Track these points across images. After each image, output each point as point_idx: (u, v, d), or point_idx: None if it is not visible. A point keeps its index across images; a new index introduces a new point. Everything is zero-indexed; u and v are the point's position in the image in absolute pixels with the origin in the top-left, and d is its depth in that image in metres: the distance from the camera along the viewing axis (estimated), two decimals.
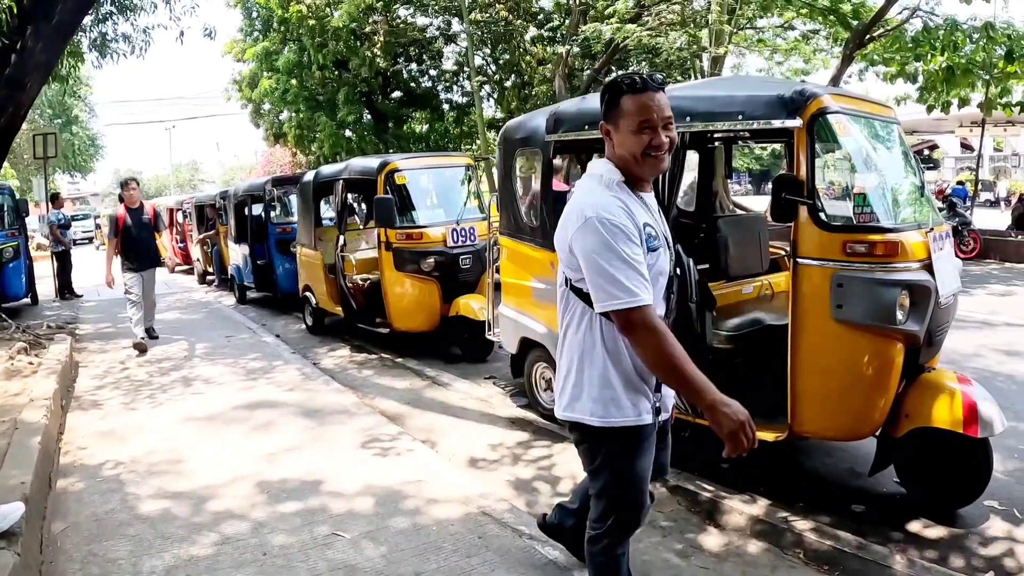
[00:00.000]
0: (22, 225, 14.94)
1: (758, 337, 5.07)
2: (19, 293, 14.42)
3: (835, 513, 4.61)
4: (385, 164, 9.27)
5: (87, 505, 5.00)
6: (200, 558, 4.20)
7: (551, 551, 3.98)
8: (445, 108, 31.45)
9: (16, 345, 9.31)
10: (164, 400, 7.31)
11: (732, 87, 5.48)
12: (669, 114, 2.63)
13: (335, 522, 4.54)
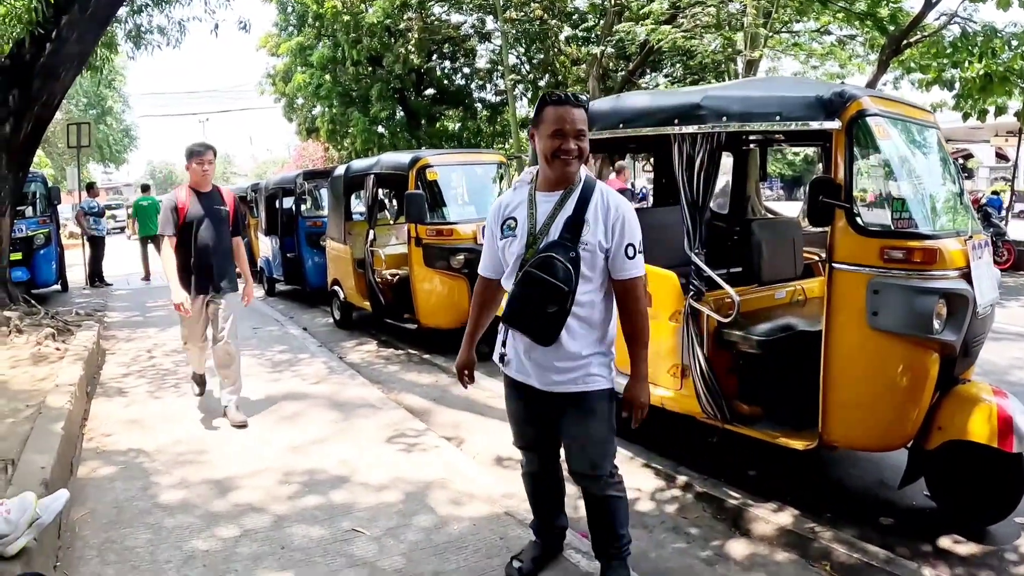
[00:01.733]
0: (54, 213, 15.18)
1: (790, 343, 4.97)
2: (49, 280, 14.65)
3: (863, 525, 4.52)
4: (417, 160, 9.27)
5: (108, 492, 5.00)
6: (218, 550, 4.18)
7: (573, 554, 3.91)
8: (478, 107, 31.52)
9: (44, 331, 9.38)
10: (188, 391, 7.31)
11: (769, 88, 5.40)
12: (582, 127, 3.16)
13: (357, 518, 4.51)
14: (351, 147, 29.87)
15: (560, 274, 3.13)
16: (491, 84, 31.51)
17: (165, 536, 4.37)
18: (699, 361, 5.00)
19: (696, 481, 5.12)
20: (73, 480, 5.19)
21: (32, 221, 14.40)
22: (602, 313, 3.32)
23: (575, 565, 3.83)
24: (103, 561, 4.11)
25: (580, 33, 26.30)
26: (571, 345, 3.26)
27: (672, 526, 4.63)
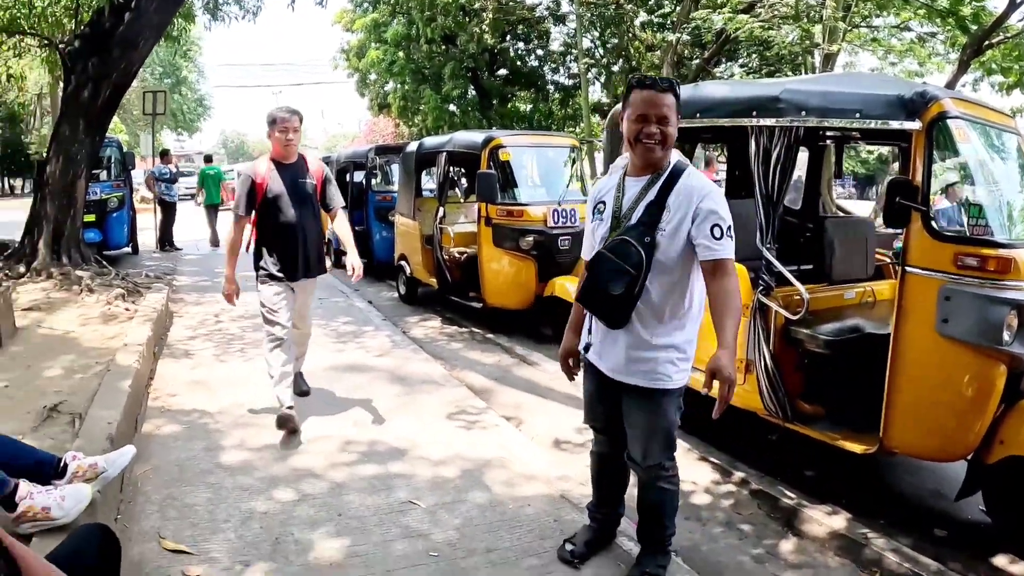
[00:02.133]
0: (128, 177, 15.66)
1: (857, 345, 4.86)
2: (121, 242, 15.10)
3: (916, 535, 4.43)
4: (490, 139, 9.27)
5: (171, 450, 5.11)
6: (276, 512, 4.25)
7: (625, 541, 3.89)
8: (550, 89, 31.46)
9: (114, 291, 9.62)
10: (254, 355, 7.42)
11: (850, 84, 5.26)
12: (667, 113, 3.12)
13: (413, 490, 4.55)
14: (422, 124, 30.05)
15: (632, 258, 3.13)
16: (564, 67, 31.42)
17: (224, 496, 4.46)
18: (764, 357, 4.93)
19: (752, 478, 5.06)
20: (137, 436, 5.31)
21: (106, 185, 14.85)
22: (681, 307, 3.27)
23: (626, 552, 3.81)
24: (163, 516, 4.21)
25: (656, 19, 26.02)
26: (642, 333, 3.25)
27: (726, 521, 4.58)
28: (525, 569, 3.67)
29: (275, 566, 3.70)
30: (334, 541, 3.93)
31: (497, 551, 3.83)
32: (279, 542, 3.93)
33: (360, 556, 3.79)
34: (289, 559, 3.77)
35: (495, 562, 3.73)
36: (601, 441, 3.77)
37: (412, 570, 3.65)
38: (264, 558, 3.78)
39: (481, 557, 3.78)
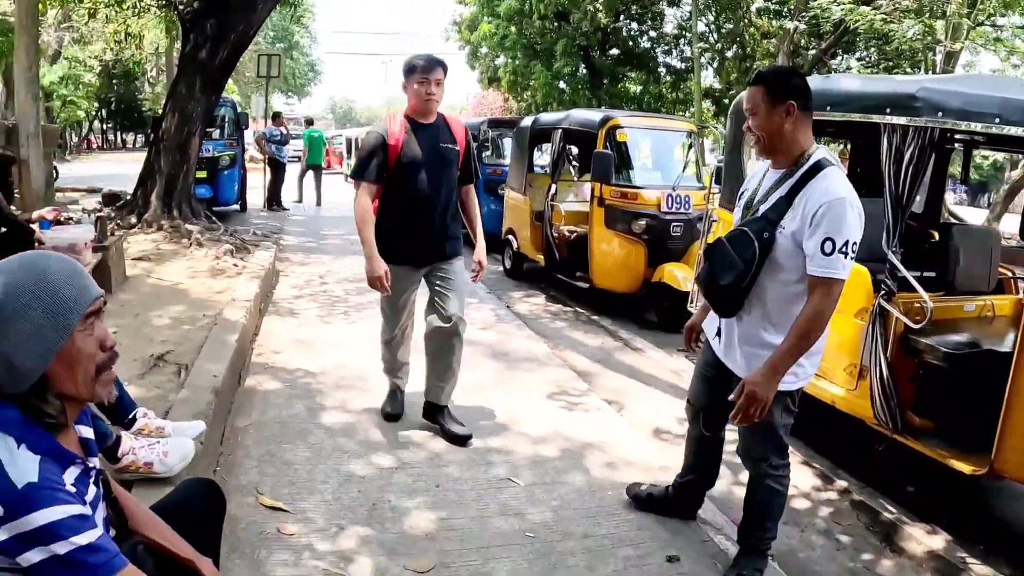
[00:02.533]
0: (240, 137, 16.12)
1: (976, 361, 4.57)
2: (230, 199, 15.54)
3: (1017, 565, 4.16)
4: (607, 119, 9.16)
5: (272, 407, 5.16)
6: (374, 477, 4.24)
7: (723, 540, 3.76)
8: (661, 72, 31.09)
9: (223, 247, 9.83)
10: (358, 319, 7.48)
11: (988, 86, 4.96)
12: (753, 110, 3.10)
13: (512, 467, 4.48)
14: (531, 100, 30.06)
15: (746, 252, 3.03)
16: (677, 50, 31.04)
17: (324, 457, 4.47)
18: (880, 364, 4.68)
19: (853, 487, 4.85)
20: (240, 390, 5.38)
21: (219, 143, 15.30)
22: (796, 310, 3.05)
23: (722, 551, 3.68)
24: (261, 472, 4.24)
25: (773, 6, 25.36)
26: (755, 329, 3.19)
27: (824, 529, 4.39)
28: (621, 559, 3.57)
29: (370, 532, 3.68)
30: (430, 512, 3.90)
31: (593, 538, 3.74)
32: (375, 508, 3.91)
33: (456, 530, 3.74)
34: (385, 526, 3.74)
35: (591, 549, 3.64)
36: (695, 420, 3.78)
37: (507, 548, 3.59)
38: (360, 522, 3.76)
39: (577, 542, 3.69)
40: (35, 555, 1.52)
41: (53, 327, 1.60)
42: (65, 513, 1.54)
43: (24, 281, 1.58)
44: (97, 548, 1.56)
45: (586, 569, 3.46)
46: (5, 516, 1.51)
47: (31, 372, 1.61)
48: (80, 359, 1.67)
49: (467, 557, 3.51)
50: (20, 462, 1.55)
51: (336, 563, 3.39)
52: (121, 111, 54.32)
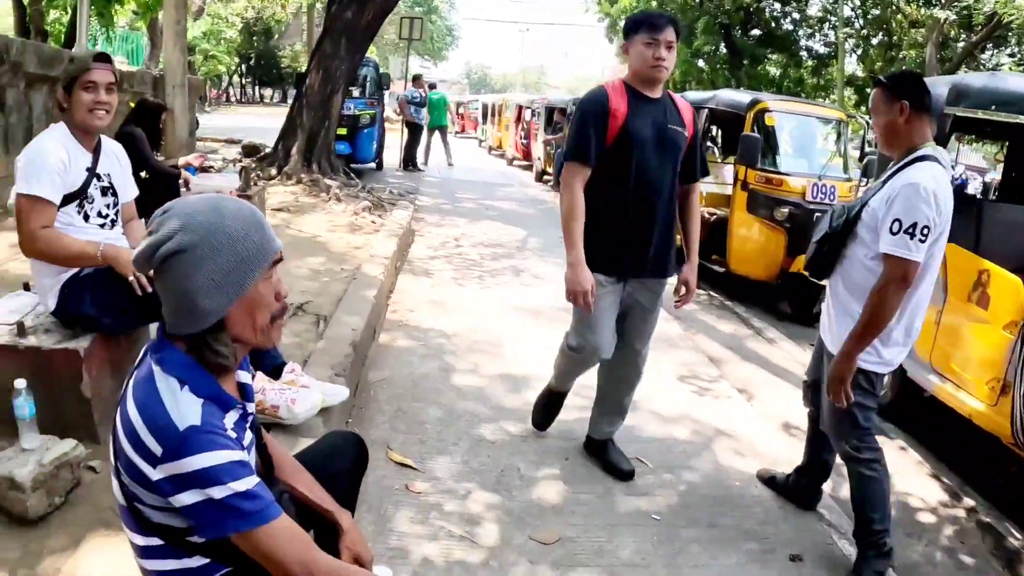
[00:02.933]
0: (381, 97, 16.47)
1: None
2: (368, 157, 15.87)
3: None
4: (756, 101, 8.91)
5: (406, 364, 5.23)
6: (504, 444, 4.26)
7: (846, 545, 3.61)
8: (803, 55, 30.12)
9: (361, 203, 10.01)
10: (492, 284, 7.54)
11: None
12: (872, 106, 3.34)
13: (641, 446, 4.42)
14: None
15: (835, 219, 3.34)
16: (820, 34, 30.09)
17: (455, 418, 4.51)
18: None
19: (981, 508, 4.59)
20: (375, 346, 5.48)
21: (360, 101, 15.56)
22: None
23: (845, 556, 3.54)
24: (393, 428, 4.31)
25: None
26: (843, 298, 3.37)
27: (947, 547, 4.14)
28: (744, 552, 3.48)
29: (497, 498, 3.70)
30: (558, 484, 3.89)
31: (718, 527, 3.67)
32: (504, 474, 3.93)
33: (583, 505, 3.73)
34: (512, 494, 3.75)
35: (715, 539, 3.57)
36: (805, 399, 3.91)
37: (632, 528, 3.55)
38: (487, 488, 3.78)
39: (701, 530, 3.62)
40: (190, 497, 1.54)
41: (240, 272, 1.62)
42: (225, 458, 1.55)
43: (215, 224, 1.60)
44: (254, 495, 1.58)
45: (708, 558, 3.40)
46: (163, 456, 1.53)
47: (212, 314, 1.63)
48: (260, 306, 1.69)
49: (592, 533, 3.49)
50: (183, 404, 1.58)
51: (462, 525, 3.43)
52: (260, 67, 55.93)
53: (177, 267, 1.57)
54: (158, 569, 1.72)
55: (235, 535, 1.57)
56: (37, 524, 2.74)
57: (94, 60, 3.19)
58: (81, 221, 3.28)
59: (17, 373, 2.98)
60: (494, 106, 29.12)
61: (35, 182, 3.04)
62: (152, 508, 1.63)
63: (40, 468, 2.75)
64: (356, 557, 1.98)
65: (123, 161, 3.58)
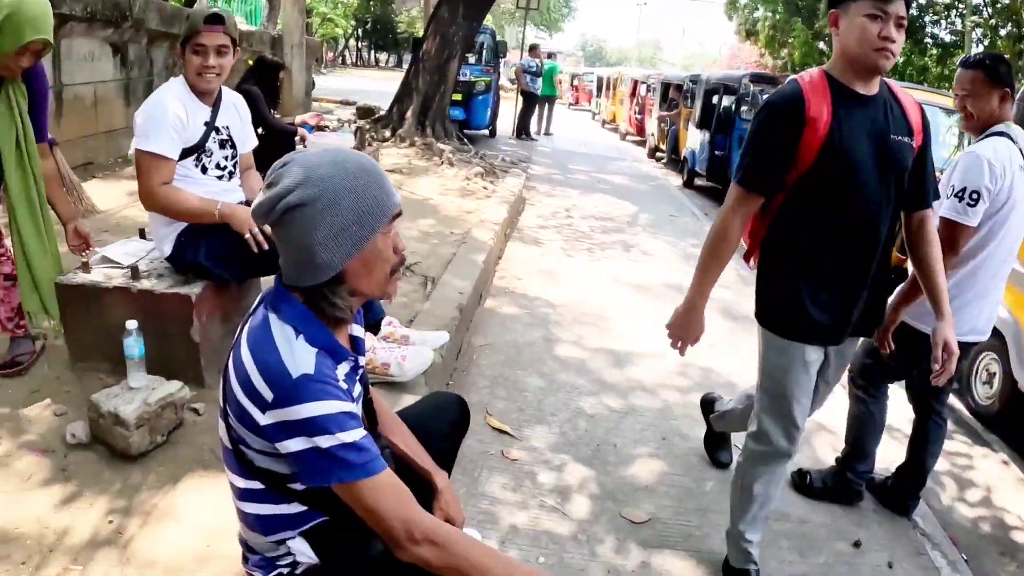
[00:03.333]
0: (496, 64, 16.47)
1: None
2: (482, 123, 15.93)
3: None
4: None
5: (510, 331, 5.25)
6: (603, 418, 4.24)
7: (938, 556, 3.45)
8: (928, 43, 28.83)
9: (474, 168, 10.06)
10: (601, 257, 7.50)
11: None
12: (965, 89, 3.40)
13: (739, 434, 4.30)
14: (788, 58, 28.80)
15: None
16: (947, 22, 28.65)
17: (555, 388, 4.50)
18: None
19: None
20: (479, 310, 5.51)
21: (476, 68, 15.67)
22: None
23: (936, 568, 3.38)
24: (492, 394, 4.33)
25: None
26: None
27: None
28: (833, 552, 3.37)
29: (591, 472, 3.68)
30: (653, 463, 3.85)
31: (808, 524, 3.57)
32: (600, 449, 3.91)
33: (675, 486, 3.69)
34: (607, 469, 3.73)
35: (804, 535, 3.47)
36: None
37: (723, 516, 3.43)
38: (583, 461, 3.77)
39: (792, 525, 3.53)
40: (297, 444, 1.55)
41: (360, 226, 1.62)
42: (335, 408, 1.56)
43: (337, 177, 1.60)
44: (360, 447, 1.58)
45: (796, 554, 3.32)
46: (274, 402, 1.55)
47: (331, 268, 1.63)
48: (378, 260, 1.69)
49: (683, 516, 3.45)
50: (298, 353, 1.59)
51: (553, 496, 3.42)
52: (376, 31, 56.68)
53: (298, 221, 1.58)
54: (256, 512, 1.76)
55: (338, 485, 1.58)
56: (138, 460, 2.83)
57: (206, 22, 3.19)
58: (199, 174, 3.36)
59: (130, 315, 3.08)
60: (609, 79, 28.87)
61: (154, 139, 3.11)
62: (257, 452, 1.66)
63: (145, 407, 2.84)
64: (448, 518, 1.98)
65: (243, 113, 3.64)
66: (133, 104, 8.59)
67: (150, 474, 2.77)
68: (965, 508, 4.01)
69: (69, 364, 3.48)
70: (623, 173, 15.13)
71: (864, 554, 3.39)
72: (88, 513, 2.52)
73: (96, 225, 5.74)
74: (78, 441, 2.88)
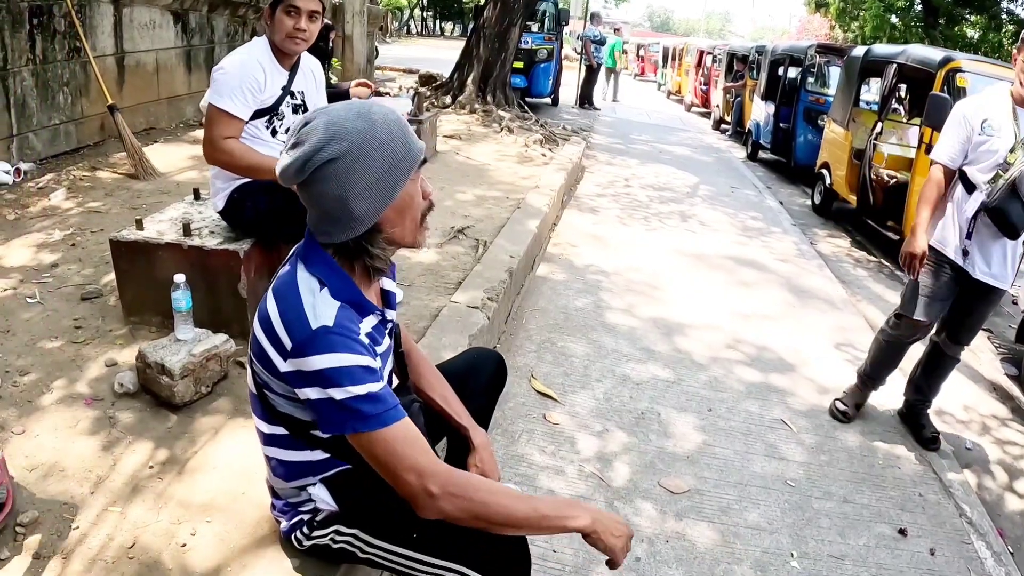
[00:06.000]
0: (559, 32, 16.28)
1: None
2: (543, 92, 15.87)
3: None
4: (948, 60, 8.25)
5: (560, 296, 5.23)
6: (648, 386, 4.20)
7: (983, 547, 3.35)
8: (1004, 19, 27.91)
9: (533, 135, 10.01)
10: (658, 227, 7.44)
11: None
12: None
13: (788, 409, 4.27)
14: (859, 31, 28.23)
15: None
16: None
17: (602, 355, 4.48)
18: None
19: None
20: (532, 276, 5.49)
21: (538, 36, 15.57)
22: None
23: (979, 559, 3.28)
24: (539, 358, 4.32)
25: None
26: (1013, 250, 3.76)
27: None
28: (874, 535, 3.30)
29: (633, 440, 3.66)
30: (697, 435, 3.82)
31: (852, 505, 3.50)
32: (643, 417, 3.89)
33: (718, 459, 3.65)
34: (648, 438, 3.71)
35: (847, 515, 3.41)
36: (916, 332, 4.04)
37: (764, 491, 3.45)
38: (625, 428, 3.75)
39: (835, 504, 3.47)
40: (312, 393, 1.57)
41: (392, 175, 1.62)
42: (349, 362, 1.56)
43: (364, 129, 1.59)
44: (375, 398, 1.58)
45: (837, 535, 3.25)
46: (292, 351, 1.57)
47: (367, 219, 1.63)
48: (411, 207, 1.69)
49: (723, 490, 3.41)
50: (320, 305, 1.60)
51: (593, 463, 3.41)
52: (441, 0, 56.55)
53: (330, 176, 1.58)
54: (280, 458, 1.80)
55: (353, 436, 1.59)
56: (182, 409, 2.88)
57: None
58: (268, 136, 3.36)
59: (180, 270, 3.12)
60: (675, 50, 28.53)
61: (227, 98, 3.12)
62: (280, 396, 1.68)
63: (190, 358, 2.88)
64: (484, 475, 1.97)
65: (319, 78, 3.64)
66: (195, 71, 8.74)
67: (192, 423, 2.82)
68: (1016, 500, 3.90)
69: (122, 318, 3.55)
70: (686, 144, 14.97)
71: (906, 539, 3.31)
72: (130, 459, 2.56)
73: (156, 187, 5.85)
74: (125, 390, 2.93)
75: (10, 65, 5.89)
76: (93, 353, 3.25)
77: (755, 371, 4.65)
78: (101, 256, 4.22)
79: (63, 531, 2.20)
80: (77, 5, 6.49)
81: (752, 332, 5.25)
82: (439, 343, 3.66)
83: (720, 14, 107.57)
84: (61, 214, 5.10)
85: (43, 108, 6.32)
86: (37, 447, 2.59)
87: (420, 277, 4.60)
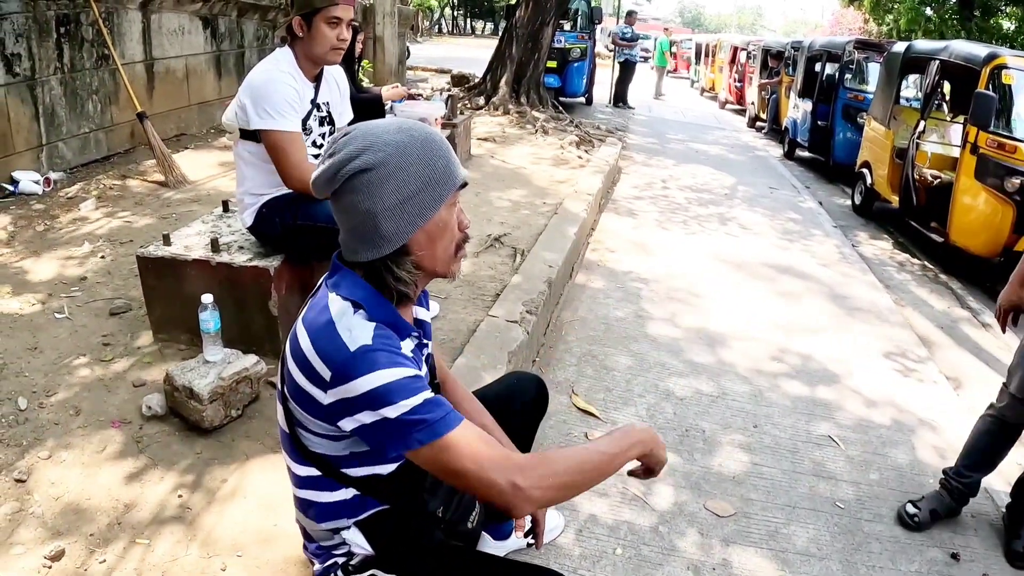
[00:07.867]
0: (592, 31, 16.24)
1: None
2: (577, 91, 15.81)
3: None
4: (994, 56, 8.03)
5: (600, 306, 5.11)
6: (692, 402, 4.08)
7: None
8: None
9: (568, 137, 9.92)
10: (697, 231, 7.31)
11: None
12: None
13: (835, 425, 4.11)
14: (893, 24, 27.90)
15: None
16: None
17: (645, 368, 4.35)
18: None
19: None
20: (571, 284, 5.38)
21: (571, 35, 15.53)
22: None
23: None
24: (579, 372, 4.20)
25: None
26: None
27: None
28: (927, 560, 3.14)
29: (677, 459, 3.54)
30: (742, 453, 3.68)
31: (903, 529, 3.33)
32: (687, 434, 3.76)
33: (764, 479, 3.51)
34: (693, 456, 3.59)
35: (898, 539, 3.25)
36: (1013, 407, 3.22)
37: (812, 514, 3.30)
38: (669, 447, 3.61)
39: (886, 527, 3.31)
40: (365, 418, 1.46)
41: (425, 195, 1.53)
42: (397, 375, 1.46)
43: (402, 143, 1.51)
44: (433, 404, 1.48)
45: (888, 560, 3.10)
46: (332, 380, 1.46)
47: (395, 238, 1.54)
48: (444, 233, 1.60)
49: (770, 512, 3.28)
50: (355, 328, 1.50)
51: (636, 485, 3.28)
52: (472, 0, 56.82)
53: (363, 187, 1.50)
54: (312, 499, 1.70)
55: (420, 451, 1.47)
56: (212, 433, 2.82)
57: None
58: None
59: (209, 287, 3.07)
60: (708, 46, 28.38)
61: (282, 117, 3.01)
62: (314, 435, 1.59)
63: (219, 381, 2.82)
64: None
65: (343, 87, 3.54)
66: (224, 76, 8.74)
67: (223, 448, 2.76)
68: None
69: (150, 336, 3.49)
70: (721, 143, 14.80)
71: (959, 564, 3.16)
72: (158, 487, 2.51)
73: (186, 195, 5.81)
74: (153, 413, 2.88)
75: (38, 75, 5.90)
76: (121, 372, 3.21)
77: (800, 384, 4.50)
78: (130, 269, 4.18)
79: (89, 565, 2.15)
80: (104, 13, 6.47)
81: (796, 342, 5.10)
82: (477, 362, 3.56)
83: (752, 9, 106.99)
84: (90, 225, 5.07)
85: (72, 117, 6.33)
86: (63, 474, 2.54)
87: (456, 289, 4.50)
